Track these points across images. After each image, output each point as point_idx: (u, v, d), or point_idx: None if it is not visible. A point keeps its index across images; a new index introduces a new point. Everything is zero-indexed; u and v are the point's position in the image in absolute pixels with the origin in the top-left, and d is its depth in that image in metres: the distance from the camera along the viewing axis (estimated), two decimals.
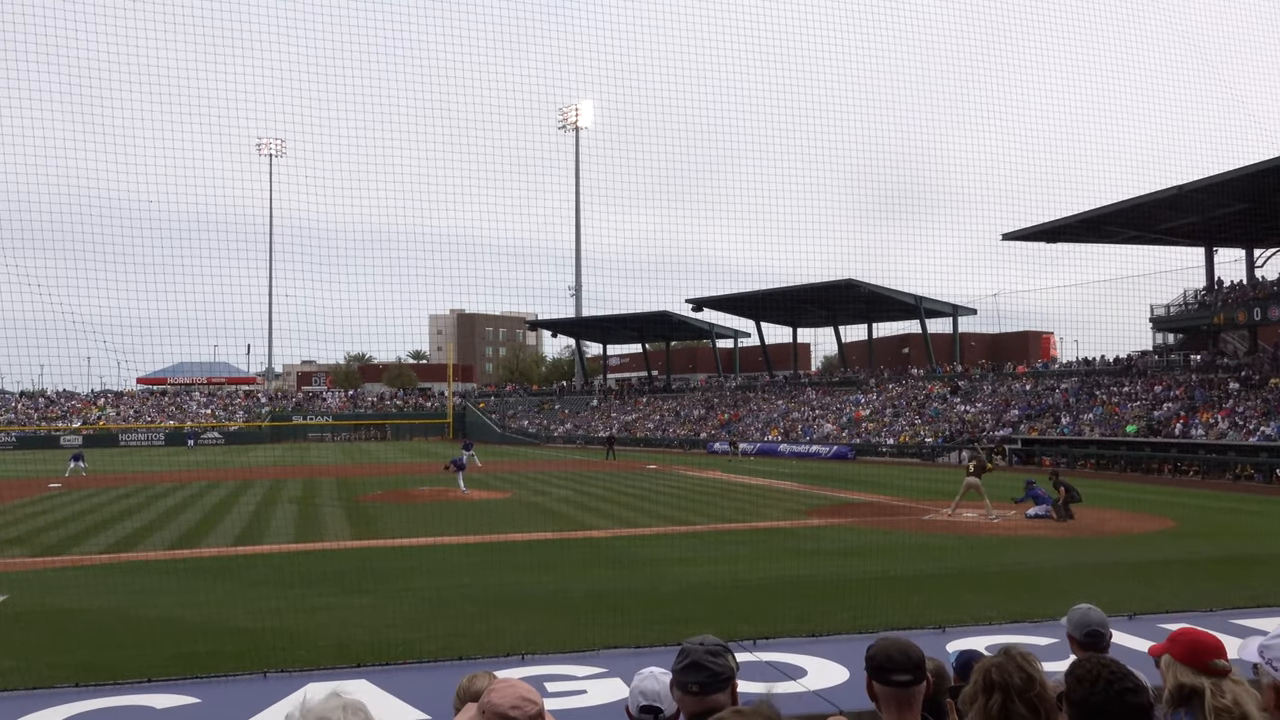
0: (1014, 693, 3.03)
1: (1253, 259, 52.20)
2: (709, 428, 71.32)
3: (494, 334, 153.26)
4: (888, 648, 3.17)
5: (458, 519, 23.66)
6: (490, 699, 2.87)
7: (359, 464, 50.51)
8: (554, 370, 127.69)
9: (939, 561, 17.12)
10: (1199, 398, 45.14)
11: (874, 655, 3.19)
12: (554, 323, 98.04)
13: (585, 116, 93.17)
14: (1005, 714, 3.04)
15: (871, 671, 3.17)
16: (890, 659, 3.12)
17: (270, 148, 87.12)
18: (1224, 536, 21.04)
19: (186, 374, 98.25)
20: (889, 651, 3.15)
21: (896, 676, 3.08)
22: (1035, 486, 25.03)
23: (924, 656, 3.16)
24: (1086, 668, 2.56)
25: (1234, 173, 40.95)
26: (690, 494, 31.78)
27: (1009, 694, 3.05)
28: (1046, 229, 52.55)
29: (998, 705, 3.06)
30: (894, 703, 3.10)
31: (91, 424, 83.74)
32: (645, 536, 20.96)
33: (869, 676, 3.19)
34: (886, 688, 3.11)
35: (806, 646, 8.53)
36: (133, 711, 6.77)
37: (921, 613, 10.41)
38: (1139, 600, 11.06)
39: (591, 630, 10.12)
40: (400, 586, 14.46)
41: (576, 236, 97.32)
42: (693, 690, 3.14)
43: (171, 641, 10.79)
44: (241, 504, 28.66)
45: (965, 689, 3.33)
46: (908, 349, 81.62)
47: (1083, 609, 4.67)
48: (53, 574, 16.16)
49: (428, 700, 6.80)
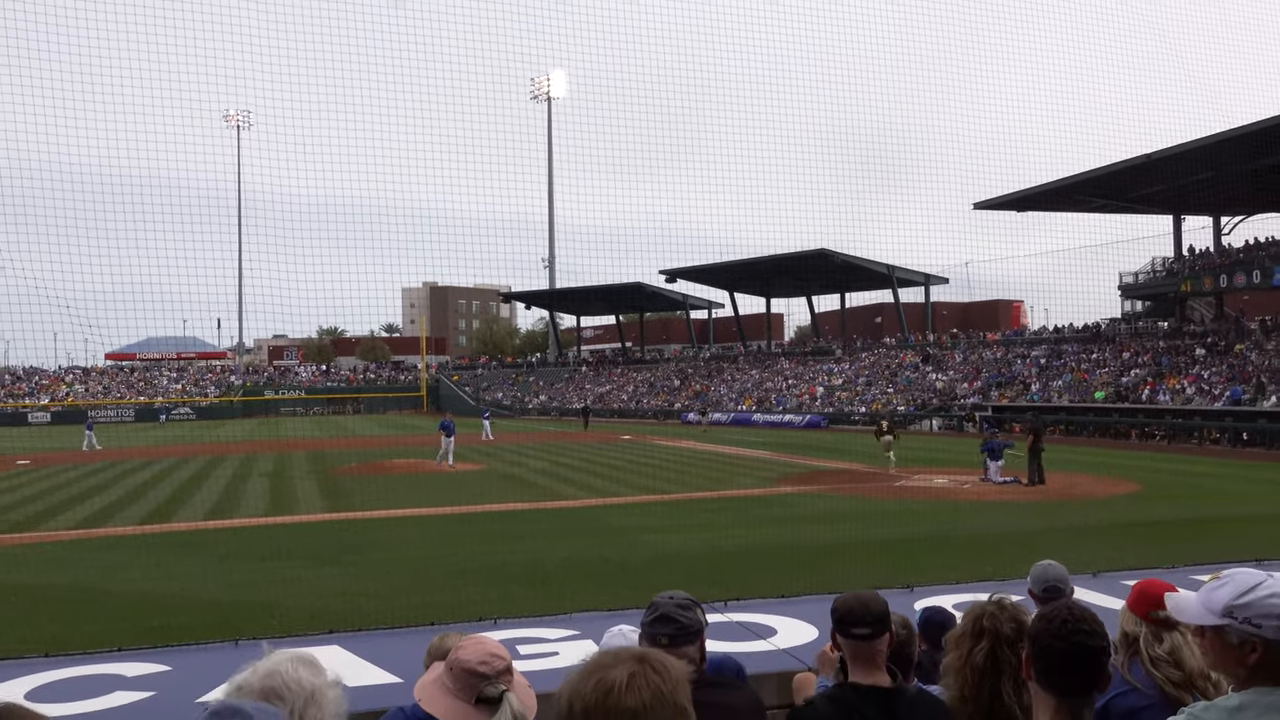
0: (1003, 641, 3.08)
1: (1220, 227, 52.80)
2: (683, 398, 71.53)
3: (467, 307, 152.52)
4: (849, 601, 3.21)
5: (432, 491, 23.66)
6: (457, 655, 2.86)
7: (332, 437, 50.28)
8: (528, 343, 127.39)
9: (909, 526, 17.32)
10: (1166, 364, 45.75)
11: (836, 608, 3.23)
12: (528, 295, 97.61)
13: (557, 86, 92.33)
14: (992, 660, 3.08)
15: (835, 624, 3.21)
16: (851, 612, 3.16)
17: (238, 119, 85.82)
18: (1189, 499, 21.42)
19: (156, 349, 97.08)
20: (850, 605, 3.19)
21: (856, 629, 3.12)
22: (994, 439, 25.49)
23: (887, 610, 3.19)
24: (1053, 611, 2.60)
25: (1201, 140, 41.32)
26: (664, 464, 31.91)
27: (998, 642, 3.09)
28: (1018, 198, 52.86)
29: (984, 651, 3.11)
30: (857, 656, 3.14)
31: (60, 401, 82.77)
32: (620, 506, 21.05)
33: (833, 629, 3.23)
34: (848, 640, 3.14)
35: (776, 607, 8.63)
36: (102, 680, 6.75)
37: (891, 574, 10.55)
38: (1104, 560, 11.26)
39: (564, 597, 10.18)
40: (374, 558, 14.46)
41: (550, 208, 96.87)
42: (662, 642, 3.16)
43: (144, 615, 10.75)
44: (214, 478, 28.49)
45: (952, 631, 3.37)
46: (880, 318, 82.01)
47: (1043, 565, 4.74)
48: (22, 550, 16.02)
49: (399, 664, 6.82)
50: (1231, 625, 2.55)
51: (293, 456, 36.32)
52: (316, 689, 2.38)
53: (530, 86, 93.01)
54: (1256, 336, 44.62)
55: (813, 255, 63.29)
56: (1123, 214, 55.18)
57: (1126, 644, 3.10)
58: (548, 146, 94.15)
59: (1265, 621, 2.50)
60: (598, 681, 1.70)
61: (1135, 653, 3.08)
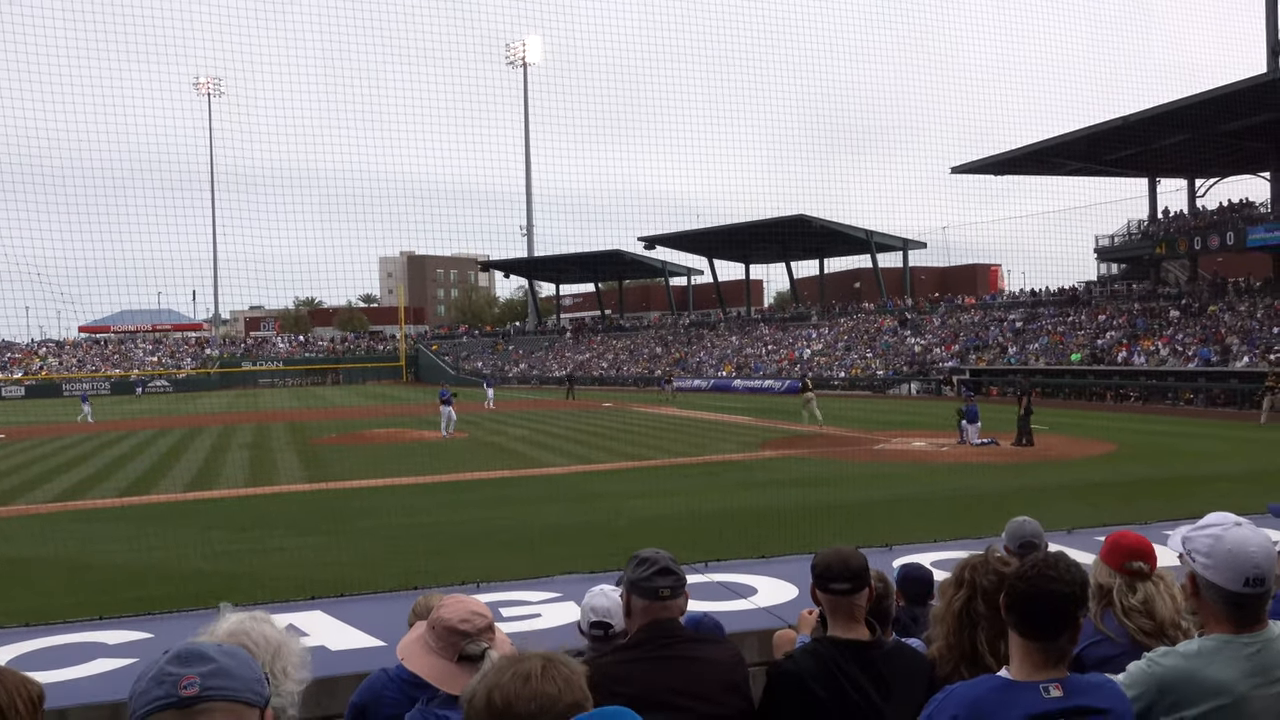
0: (979, 593, 3.14)
1: (1194, 189, 53.12)
2: (663, 365, 71.65)
3: (445, 276, 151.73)
4: (829, 557, 3.24)
5: (414, 460, 23.62)
6: (440, 614, 2.88)
7: (311, 408, 50.06)
8: (507, 311, 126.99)
9: (889, 489, 17.49)
10: (1141, 326, 46.17)
11: (816, 564, 3.27)
12: (506, 263, 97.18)
13: (533, 52, 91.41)
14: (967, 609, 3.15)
15: (814, 580, 3.25)
16: (829, 567, 3.19)
17: (208, 87, 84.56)
18: (1163, 459, 21.71)
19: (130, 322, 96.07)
20: (829, 560, 3.22)
21: (835, 585, 3.15)
22: (972, 403, 25.83)
23: (866, 566, 3.22)
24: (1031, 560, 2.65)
25: (1176, 103, 41.48)
26: (645, 430, 32.01)
27: (975, 592, 3.16)
28: (995, 161, 52.99)
29: (962, 600, 3.18)
30: (836, 610, 3.18)
31: (34, 374, 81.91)
32: (601, 472, 21.11)
33: (812, 585, 3.27)
34: (827, 595, 3.18)
35: (757, 567, 8.72)
36: (84, 648, 6.75)
37: (870, 535, 10.66)
38: (1078, 518, 11.42)
39: (547, 561, 10.22)
40: (356, 527, 14.46)
41: (527, 176, 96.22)
42: (664, 595, 3.18)
43: (126, 586, 10.73)
44: (193, 450, 28.35)
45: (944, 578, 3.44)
46: (859, 283, 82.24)
47: (1018, 521, 4.80)
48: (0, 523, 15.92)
49: (381, 628, 6.85)
50: (1184, 556, 2.65)
51: (272, 428, 36.16)
52: (281, 642, 2.40)
53: (506, 53, 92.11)
54: (1230, 298, 45.08)
55: (791, 221, 63.27)
56: (1099, 177, 55.45)
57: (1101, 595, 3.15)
58: (524, 113, 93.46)
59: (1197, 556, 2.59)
60: (514, 673, 1.84)
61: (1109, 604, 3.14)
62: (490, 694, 1.81)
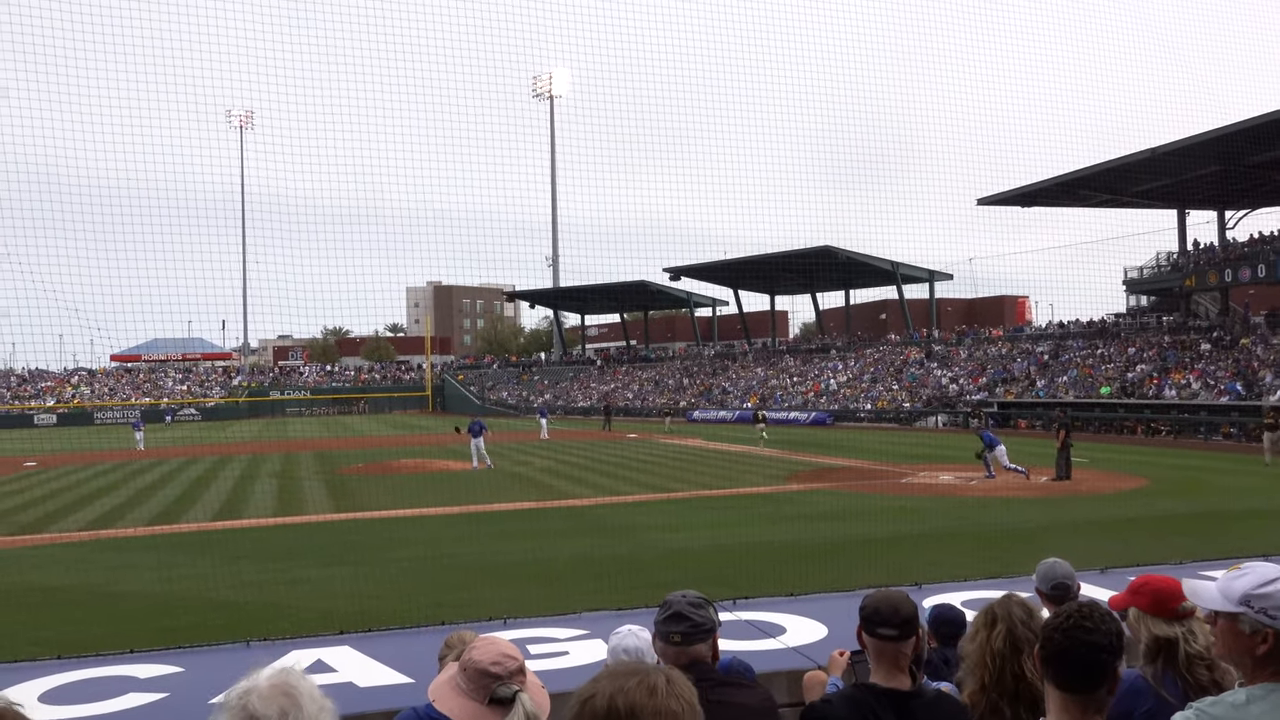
0: (1017, 621, 3.12)
1: (1224, 221, 52.65)
2: (688, 396, 71.56)
3: (471, 306, 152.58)
4: (878, 601, 3.22)
5: (439, 490, 23.68)
6: (471, 655, 2.89)
7: (338, 437, 50.35)
8: (532, 341, 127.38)
9: (917, 523, 17.33)
10: (1171, 359, 45.67)
11: (864, 606, 3.24)
12: (532, 294, 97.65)
13: (559, 85, 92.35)
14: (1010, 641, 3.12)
15: (861, 622, 3.23)
16: (878, 611, 3.17)
17: (240, 119, 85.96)
18: (1196, 494, 21.39)
19: (161, 350, 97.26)
20: (878, 604, 3.20)
21: (883, 630, 3.13)
22: (985, 431, 25.77)
23: (915, 613, 3.20)
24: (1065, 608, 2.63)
25: (1205, 135, 41.24)
26: (671, 462, 31.94)
27: (1012, 623, 3.14)
28: (1022, 193, 52.77)
29: (1002, 635, 3.15)
30: (881, 656, 3.15)
31: (65, 402, 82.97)
32: (627, 504, 21.07)
33: (859, 626, 3.25)
34: (873, 639, 3.16)
35: (786, 605, 8.64)
36: (116, 681, 6.79)
37: (899, 571, 10.56)
38: (1111, 555, 11.25)
39: (574, 596, 10.20)
40: (382, 558, 14.48)
41: (553, 207, 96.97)
42: (675, 640, 3.19)
43: (154, 616, 10.79)
44: (221, 479, 28.56)
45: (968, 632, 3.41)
46: (885, 315, 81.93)
47: (1049, 562, 4.73)
48: (31, 552, 16.09)
49: (410, 663, 6.85)
50: (1247, 614, 2.59)
51: (299, 457, 36.39)
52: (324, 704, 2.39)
53: (533, 85, 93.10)
54: (1262, 330, 44.53)
55: (817, 252, 63.26)
56: (1127, 209, 55.08)
57: (1157, 649, 3.07)
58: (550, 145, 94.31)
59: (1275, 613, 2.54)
60: (639, 682, 1.82)
61: (1173, 656, 3.04)
62: (614, 698, 1.79)
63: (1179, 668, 3.03)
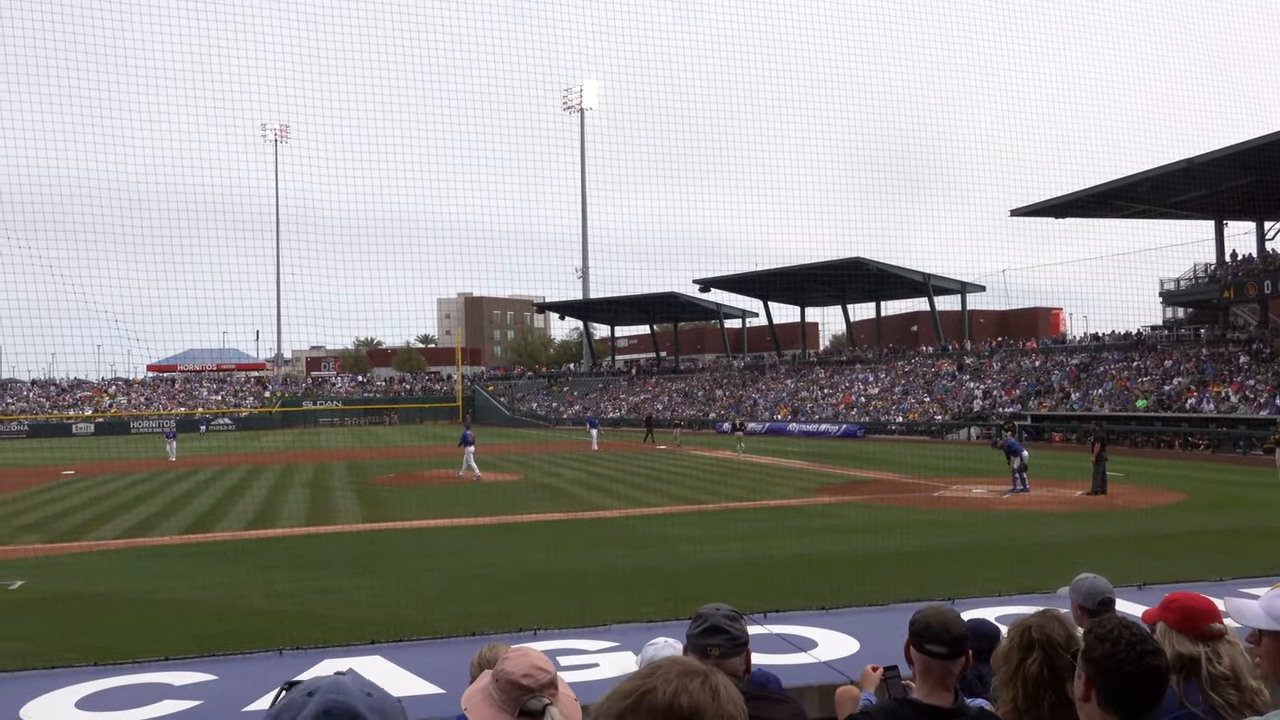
0: (1058, 647, 3.05)
1: (1263, 232, 51.83)
2: (718, 408, 71.40)
3: (502, 317, 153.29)
4: (929, 617, 3.19)
5: (469, 501, 23.78)
6: (504, 667, 2.89)
7: (370, 448, 50.70)
8: (562, 352, 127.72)
9: (949, 536, 17.18)
10: (1209, 371, 44.99)
11: (915, 621, 3.21)
12: (562, 305, 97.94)
13: (590, 97, 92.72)
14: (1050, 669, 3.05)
15: (911, 636, 3.20)
16: (929, 628, 3.13)
17: (275, 133, 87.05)
18: (1234, 509, 21.04)
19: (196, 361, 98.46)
20: (930, 620, 3.16)
21: (932, 647, 3.09)
22: (1009, 439, 25.49)
23: (966, 633, 3.16)
24: (1108, 627, 2.58)
25: (1244, 144, 40.65)
26: (700, 474, 31.86)
27: (1052, 649, 3.06)
28: (1056, 204, 52.25)
29: (1038, 662, 3.07)
30: (928, 673, 3.12)
31: (103, 412, 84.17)
32: (656, 516, 21.04)
33: (907, 641, 3.22)
34: (922, 655, 3.13)
35: (817, 619, 8.59)
36: (151, 688, 6.87)
37: (931, 586, 10.47)
38: (1148, 571, 11.08)
39: (603, 607, 10.19)
40: (413, 567, 14.56)
41: (583, 218, 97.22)
42: (713, 654, 3.17)
43: (188, 623, 10.91)
44: (254, 488, 28.83)
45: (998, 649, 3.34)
46: (916, 327, 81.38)
47: (1089, 578, 4.64)
48: (68, 559, 16.31)
49: (441, 674, 6.87)
50: None
51: (331, 467, 36.68)
52: None
53: (563, 98, 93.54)
54: None
55: (847, 263, 62.93)
56: (1163, 219, 54.38)
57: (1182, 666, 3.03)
58: (580, 157, 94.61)
59: None
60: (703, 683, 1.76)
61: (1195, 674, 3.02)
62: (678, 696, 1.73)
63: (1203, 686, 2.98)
